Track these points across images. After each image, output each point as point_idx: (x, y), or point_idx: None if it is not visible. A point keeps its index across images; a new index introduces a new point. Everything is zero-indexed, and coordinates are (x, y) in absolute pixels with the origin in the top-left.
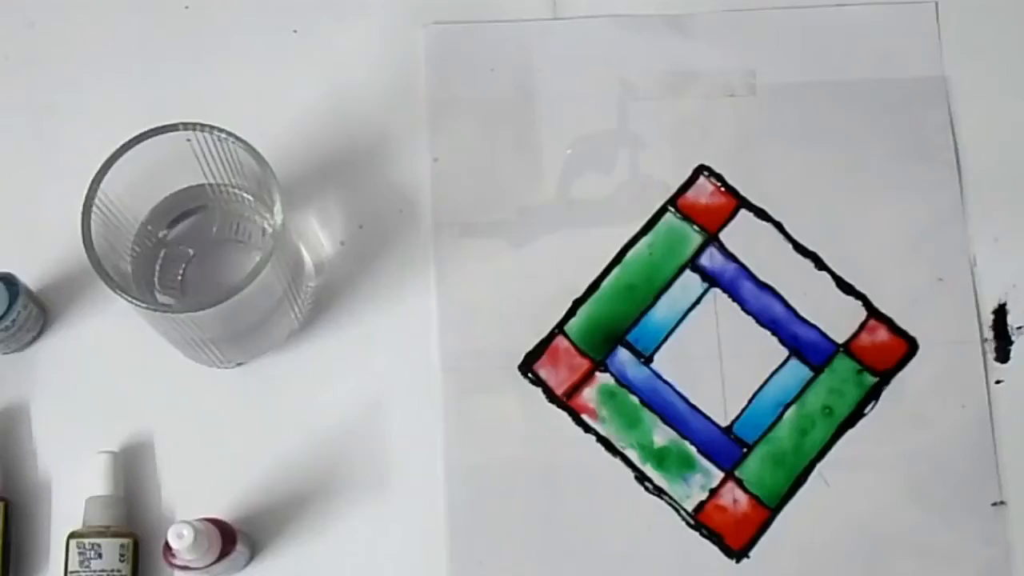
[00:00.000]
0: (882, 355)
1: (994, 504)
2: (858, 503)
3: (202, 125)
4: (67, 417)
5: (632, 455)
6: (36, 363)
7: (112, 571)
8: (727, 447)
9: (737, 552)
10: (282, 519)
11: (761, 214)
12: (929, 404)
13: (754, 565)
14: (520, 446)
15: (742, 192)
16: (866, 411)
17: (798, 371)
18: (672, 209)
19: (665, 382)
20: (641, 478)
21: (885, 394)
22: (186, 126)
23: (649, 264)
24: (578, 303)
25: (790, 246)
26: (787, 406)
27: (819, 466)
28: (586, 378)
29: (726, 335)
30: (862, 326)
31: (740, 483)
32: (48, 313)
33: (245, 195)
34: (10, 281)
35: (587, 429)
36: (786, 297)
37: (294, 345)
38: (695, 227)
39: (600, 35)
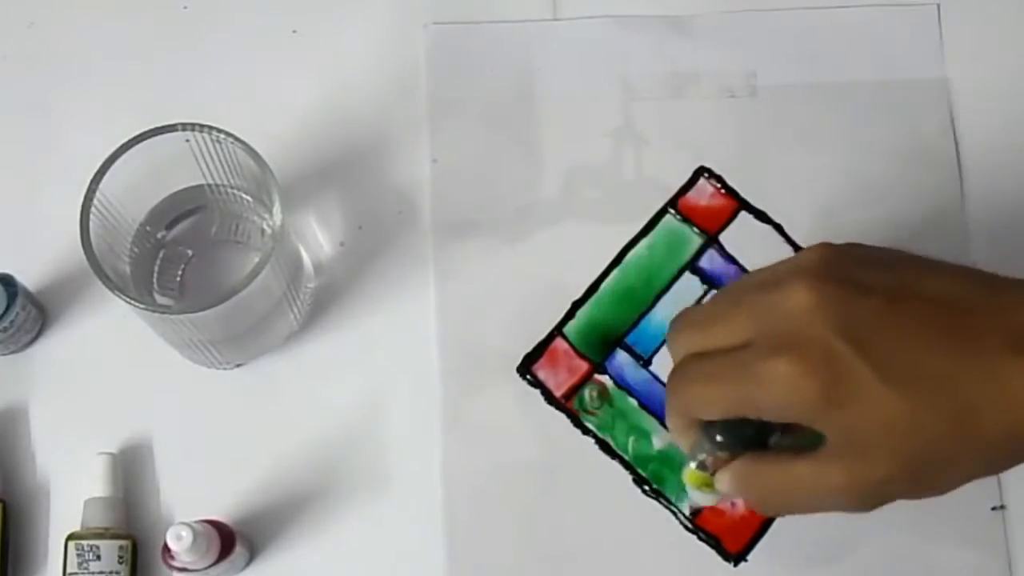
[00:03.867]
0: None
1: (994, 508)
2: None
3: (201, 125)
4: (66, 418)
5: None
6: (35, 364)
7: (111, 573)
8: None
9: (735, 555)
10: (281, 520)
11: (761, 216)
12: None
13: (752, 568)
14: (519, 448)
15: (742, 194)
16: None
17: None
18: (672, 211)
19: (664, 385)
20: (639, 481)
21: None
22: (185, 126)
23: (649, 266)
24: (577, 305)
25: (790, 248)
26: None
27: None
28: (585, 380)
29: None
30: None
31: None
32: (47, 314)
33: (244, 196)
34: (8, 282)
35: (585, 431)
36: None
37: (293, 346)
38: (695, 229)
39: (600, 35)
